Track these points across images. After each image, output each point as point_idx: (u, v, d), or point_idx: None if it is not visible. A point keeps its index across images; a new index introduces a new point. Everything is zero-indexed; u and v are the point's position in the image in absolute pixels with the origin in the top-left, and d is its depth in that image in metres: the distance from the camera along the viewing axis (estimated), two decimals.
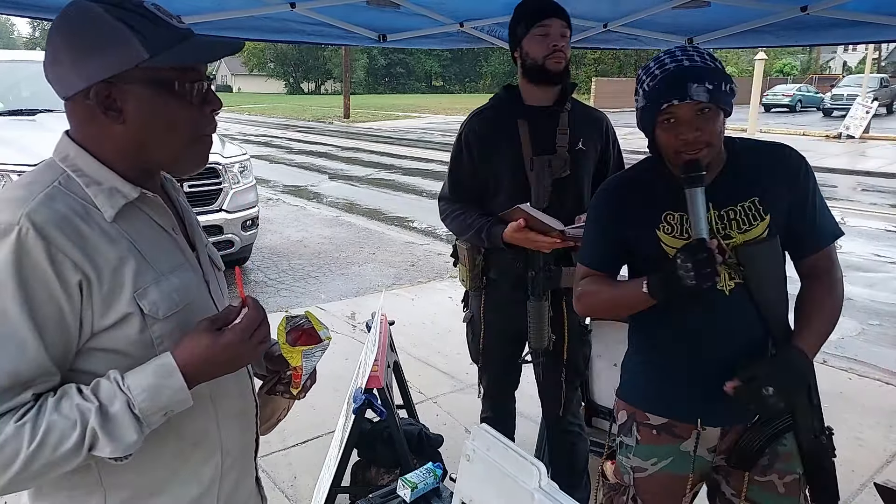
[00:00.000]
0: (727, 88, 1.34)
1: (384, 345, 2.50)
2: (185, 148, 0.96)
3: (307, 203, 9.95)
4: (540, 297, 2.01)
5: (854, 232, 8.16)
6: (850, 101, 21.42)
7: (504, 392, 2.40)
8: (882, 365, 4.22)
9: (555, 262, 2.01)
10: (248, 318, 0.94)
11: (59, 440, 0.82)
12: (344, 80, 32.16)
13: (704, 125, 1.34)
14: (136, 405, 0.86)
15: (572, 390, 2.27)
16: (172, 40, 0.91)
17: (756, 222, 1.45)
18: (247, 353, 0.94)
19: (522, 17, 2.00)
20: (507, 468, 1.14)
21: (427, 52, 55.34)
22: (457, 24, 3.59)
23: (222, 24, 3.05)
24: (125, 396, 0.85)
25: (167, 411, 0.89)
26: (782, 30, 3.11)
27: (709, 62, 1.35)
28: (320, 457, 2.71)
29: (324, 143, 20.05)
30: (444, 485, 1.72)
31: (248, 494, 1.13)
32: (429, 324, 4.81)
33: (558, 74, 1.97)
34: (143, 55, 0.88)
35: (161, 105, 0.92)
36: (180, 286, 0.95)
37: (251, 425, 1.12)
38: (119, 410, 0.85)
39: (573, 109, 2.05)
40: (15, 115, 5.70)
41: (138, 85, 0.89)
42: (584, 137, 2.02)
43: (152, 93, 0.91)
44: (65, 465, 0.84)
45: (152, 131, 0.92)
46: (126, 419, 0.85)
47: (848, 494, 2.81)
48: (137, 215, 0.95)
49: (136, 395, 0.86)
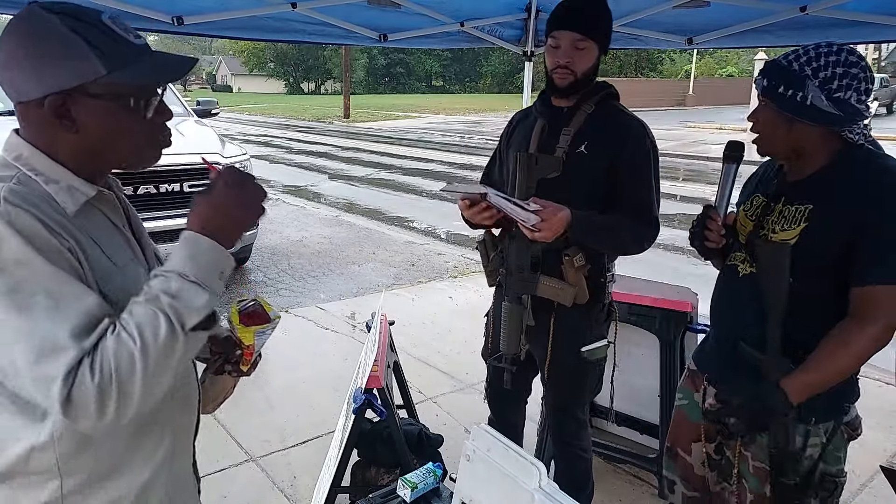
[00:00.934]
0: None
1: (384, 345, 2.50)
2: (137, 152, 1.02)
3: (307, 203, 9.95)
4: (514, 300, 1.92)
5: None
6: None
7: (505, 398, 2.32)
8: (882, 365, 4.22)
9: (531, 268, 1.90)
10: (223, 171, 1.02)
11: (154, 331, 0.87)
12: (344, 80, 32.16)
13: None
14: (188, 275, 0.91)
15: (562, 414, 2.17)
16: (129, 57, 0.94)
17: (794, 226, 1.48)
18: (245, 194, 1.00)
19: (547, 21, 1.93)
20: (507, 468, 1.14)
21: (427, 52, 55.34)
22: (457, 24, 3.59)
23: (224, 24, 3.05)
24: (172, 274, 0.91)
25: (219, 271, 0.95)
26: (782, 30, 3.12)
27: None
28: (320, 457, 2.71)
29: (324, 142, 20.06)
30: (444, 485, 1.72)
31: (188, 476, 1.18)
32: (429, 324, 4.81)
33: (564, 89, 1.89)
34: (100, 71, 0.90)
35: (115, 118, 0.95)
36: (135, 280, 0.98)
37: (193, 408, 1.17)
38: (178, 286, 0.90)
39: (595, 112, 1.92)
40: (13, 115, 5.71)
41: (94, 99, 0.92)
42: (593, 142, 1.89)
43: (107, 106, 0.93)
44: (172, 352, 0.88)
45: (105, 141, 0.96)
46: (189, 287, 0.90)
47: (848, 494, 2.81)
48: (94, 212, 0.99)
49: (182, 269, 0.91)
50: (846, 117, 1.40)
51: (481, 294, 5.50)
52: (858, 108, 1.41)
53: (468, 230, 8.92)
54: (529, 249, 1.89)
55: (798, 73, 1.40)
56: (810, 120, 1.41)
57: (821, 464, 1.56)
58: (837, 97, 1.39)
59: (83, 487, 0.97)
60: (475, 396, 3.67)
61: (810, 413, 1.51)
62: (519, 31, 3.96)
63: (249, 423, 3.29)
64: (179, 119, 6.21)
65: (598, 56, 1.92)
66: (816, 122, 1.41)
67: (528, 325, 1.95)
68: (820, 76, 1.39)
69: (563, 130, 1.92)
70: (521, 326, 1.94)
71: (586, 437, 2.24)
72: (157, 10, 2.82)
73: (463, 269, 6.31)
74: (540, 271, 1.90)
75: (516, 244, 1.90)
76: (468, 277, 6.00)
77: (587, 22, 1.86)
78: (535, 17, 3.65)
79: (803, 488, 1.56)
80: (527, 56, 4.02)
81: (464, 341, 4.44)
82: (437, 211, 9.62)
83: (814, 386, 1.44)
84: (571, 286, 1.87)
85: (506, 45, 4.02)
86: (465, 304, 5.25)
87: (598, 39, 1.88)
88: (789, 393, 1.43)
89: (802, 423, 1.53)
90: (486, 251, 2.08)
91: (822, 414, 1.53)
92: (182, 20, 2.90)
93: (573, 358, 2.01)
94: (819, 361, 1.43)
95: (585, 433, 2.24)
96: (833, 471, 1.57)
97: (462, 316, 4.98)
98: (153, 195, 4.92)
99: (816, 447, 1.55)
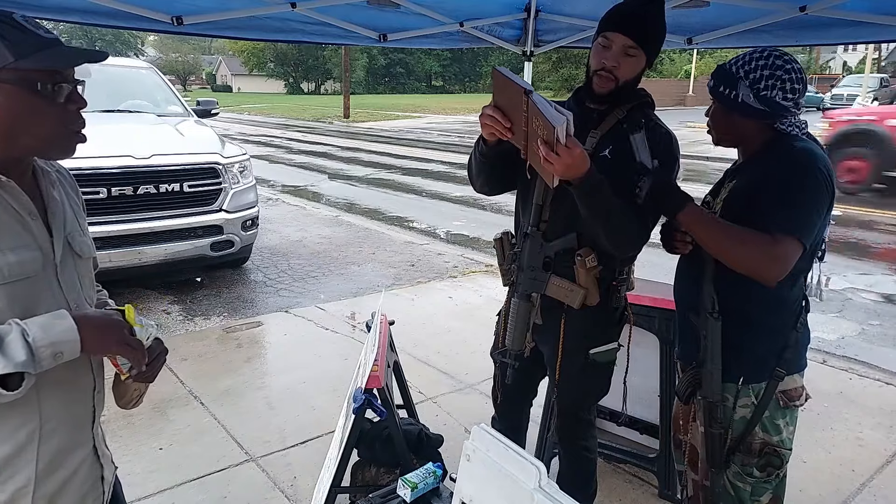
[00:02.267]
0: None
1: (384, 345, 2.50)
2: (49, 137, 1.13)
3: (307, 203, 9.95)
4: (524, 297, 1.92)
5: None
6: (850, 101, 21.44)
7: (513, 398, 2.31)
8: (882, 365, 4.22)
9: (542, 267, 1.91)
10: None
11: None
12: (344, 80, 32.16)
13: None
14: (29, 334, 1.03)
15: (569, 414, 2.16)
16: (37, 47, 1.07)
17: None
18: (111, 337, 1.15)
19: (602, 19, 1.84)
20: (507, 468, 1.14)
21: (427, 52, 55.30)
22: (457, 24, 3.59)
23: (224, 24, 3.06)
24: (20, 328, 1.03)
25: (57, 351, 1.06)
26: (782, 30, 3.12)
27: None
28: (320, 457, 2.71)
29: (323, 142, 20.06)
30: (444, 485, 1.72)
31: (80, 462, 1.25)
32: (429, 324, 4.81)
33: (602, 97, 1.82)
34: (8, 58, 1.04)
35: (25, 101, 1.07)
36: (15, 262, 1.09)
37: (85, 399, 1.24)
38: (14, 337, 1.02)
39: (626, 119, 1.86)
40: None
41: (4, 83, 1.05)
42: (617, 148, 1.84)
43: (16, 90, 1.06)
44: None
45: (17, 122, 1.08)
46: (19, 343, 1.02)
47: (848, 494, 2.81)
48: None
49: (29, 327, 1.04)
50: (772, 112, 1.62)
51: (481, 294, 5.50)
52: (784, 104, 1.61)
53: (468, 230, 8.93)
54: (543, 249, 1.90)
55: (734, 75, 1.64)
56: (741, 114, 1.65)
57: (760, 431, 1.70)
58: (763, 95, 1.61)
59: None
60: (475, 396, 3.67)
61: (738, 371, 1.69)
62: (518, 31, 3.96)
63: (249, 424, 3.29)
64: (179, 119, 6.23)
65: (644, 68, 1.85)
66: (747, 116, 1.65)
67: (535, 324, 1.95)
68: (750, 77, 1.62)
69: (591, 132, 1.88)
70: (529, 324, 1.94)
71: (592, 438, 2.24)
72: (157, 10, 2.82)
73: (463, 269, 6.31)
74: (551, 271, 1.91)
75: (530, 242, 1.90)
76: (468, 277, 6.01)
77: (644, 29, 1.79)
78: (535, 17, 3.65)
79: (746, 453, 1.71)
80: (526, 56, 4.02)
81: (463, 341, 4.44)
82: (437, 211, 9.62)
83: (699, 224, 1.64)
84: (581, 288, 1.87)
85: (505, 45, 4.01)
86: (465, 305, 5.25)
87: (648, 50, 1.81)
88: (683, 213, 1.64)
89: (731, 382, 1.70)
90: (502, 249, 2.08)
91: (750, 374, 1.69)
92: (182, 20, 2.90)
93: (581, 359, 2.00)
94: (721, 224, 1.61)
95: (591, 434, 2.23)
96: (774, 440, 1.70)
97: (462, 316, 4.98)
98: (153, 195, 4.93)
99: (747, 408, 1.70)
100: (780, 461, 1.71)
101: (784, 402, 1.69)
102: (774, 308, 1.69)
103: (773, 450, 1.70)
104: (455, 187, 11.58)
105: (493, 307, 2.44)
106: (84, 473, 1.27)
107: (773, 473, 1.71)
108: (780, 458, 1.70)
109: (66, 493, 1.22)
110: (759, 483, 1.73)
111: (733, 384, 1.70)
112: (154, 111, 6.28)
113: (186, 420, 3.25)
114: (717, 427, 1.71)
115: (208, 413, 3.39)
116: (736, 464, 1.74)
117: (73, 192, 1.31)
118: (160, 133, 5.58)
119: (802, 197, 1.57)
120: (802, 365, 1.74)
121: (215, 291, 5.53)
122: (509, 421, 2.32)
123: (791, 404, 1.70)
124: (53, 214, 1.20)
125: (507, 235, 2.08)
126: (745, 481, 1.73)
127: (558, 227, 1.88)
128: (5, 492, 1.13)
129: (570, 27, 3.77)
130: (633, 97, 1.89)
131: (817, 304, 1.83)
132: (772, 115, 1.64)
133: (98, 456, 1.31)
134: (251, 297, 5.44)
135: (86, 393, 1.25)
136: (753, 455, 1.71)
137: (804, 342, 1.74)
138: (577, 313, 1.92)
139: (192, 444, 3.09)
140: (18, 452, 1.13)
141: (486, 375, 3.85)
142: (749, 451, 1.72)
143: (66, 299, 1.18)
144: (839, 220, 8.52)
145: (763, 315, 1.69)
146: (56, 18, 2.78)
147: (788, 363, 1.68)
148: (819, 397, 3.63)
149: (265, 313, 5.00)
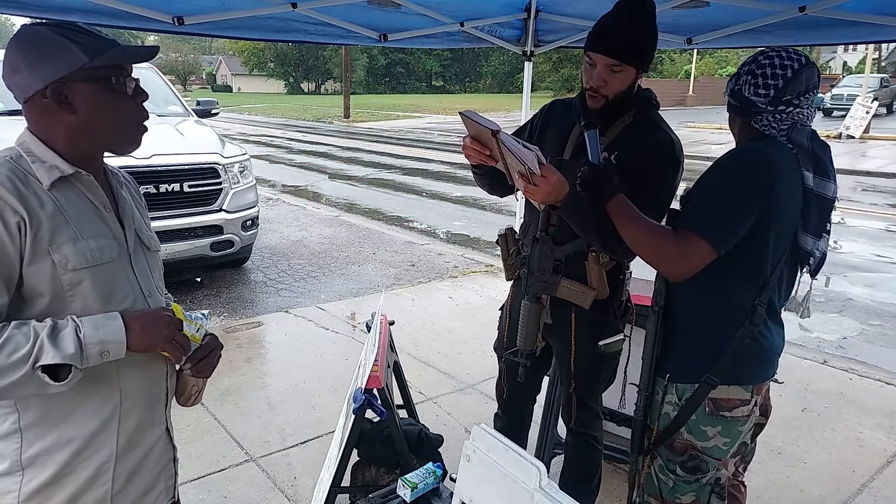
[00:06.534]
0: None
1: (384, 345, 2.50)
2: (123, 130, 1.24)
3: (307, 203, 9.95)
4: (534, 299, 1.95)
5: (854, 232, 8.18)
6: (851, 101, 21.40)
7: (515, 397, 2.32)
8: (882, 365, 4.22)
9: (553, 270, 1.93)
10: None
11: (13, 349, 1.05)
12: (344, 80, 32.16)
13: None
14: (81, 330, 1.10)
15: (577, 403, 2.19)
16: (104, 47, 1.18)
17: None
18: (157, 336, 1.20)
19: (588, 35, 1.85)
20: (507, 468, 1.14)
21: (427, 52, 55.32)
22: (457, 24, 3.60)
23: (225, 24, 3.06)
24: (75, 324, 1.11)
25: (104, 350, 1.12)
26: (781, 30, 3.12)
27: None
28: (320, 457, 2.72)
29: (324, 142, 20.07)
30: (444, 485, 1.72)
31: (155, 440, 1.33)
32: (429, 324, 4.81)
33: (595, 111, 1.86)
34: (84, 59, 1.15)
35: (102, 96, 1.19)
36: (96, 248, 1.18)
37: (159, 379, 1.32)
38: (67, 331, 1.10)
39: (632, 124, 1.89)
40: (15, 115, 5.71)
41: (84, 82, 1.16)
42: (623, 154, 1.87)
43: (95, 87, 1.17)
44: (10, 373, 1.05)
45: (98, 117, 1.19)
46: (71, 337, 1.09)
47: (848, 495, 2.81)
48: (73, 189, 1.20)
49: (83, 324, 1.11)
50: (740, 107, 1.62)
51: (481, 294, 5.50)
52: (752, 99, 1.58)
53: (469, 230, 8.93)
54: (553, 253, 1.93)
55: (734, 75, 1.67)
56: (728, 110, 1.70)
57: (685, 433, 1.66)
58: (737, 90, 1.63)
59: (38, 423, 1.16)
60: (475, 396, 3.67)
61: (667, 367, 1.70)
62: (518, 31, 3.97)
63: (250, 424, 3.30)
64: (179, 119, 6.22)
65: (636, 76, 1.84)
66: (728, 112, 1.70)
67: (546, 323, 2.00)
68: (738, 74, 1.64)
69: (600, 139, 1.90)
70: (539, 325, 1.97)
71: (599, 428, 2.27)
72: (157, 10, 2.82)
73: (463, 269, 6.31)
74: (561, 274, 1.95)
75: (540, 247, 1.94)
76: (468, 277, 6.00)
77: (623, 47, 1.77)
78: (535, 17, 3.65)
79: (669, 450, 1.69)
80: (526, 56, 4.03)
81: (464, 341, 4.44)
82: (438, 211, 9.62)
83: (621, 216, 1.62)
84: (592, 289, 1.93)
85: (506, 45, 4.02)
86: (466, 305, 5.25)
87: (635, 63, 1.80)
88: (610, 203, 1.63)
89: (661, 377, 1.71)
90: (506, 244, 2.12)
91: (677, 373, 1.68)
92: (182, 20, 2.90)
93: (590, 351, 2.07)
94: (639, 219, 1.61)
95: (599, 423, 2.27)
96: (699, 446, 1.66)
97: (462, 316, 4.99)
98: (153, 195, 4.92)
99: (672, 405, 1.68)
100: (705, 466, 1.66)
101: (711, 409, 1.62)
102: (712, 311, 1.63)
103: (696, 454, 1.66)
104: (455, 187, 11.59)
105: (494, 307, 2.44)
106: (158, 452, 1.34)
107: (696, 477, 1.67)
108: (705, 464, 1.65)
109: (142, 471, 1.29)
110: (680, 482, 1.69)
111: (662, 379, 1.71)
112: (154, 111, 6.26)
113: (187, 420, 3.25)
114: (639, 414, 1.76)
115: (208, 413, 3.39)
116: (661, 457, 1.72)
117: (136, 193, 1.43)
118: (160, 133, 5.57)
119: (719, 196, 1.55)
120: (751, 379, 1.63)
121: (215, 291, 5.53)
122: (514, 416, 2.34)
123: (720, 414, 1.62)
124: (123, 209, 1.30)
125: (510, 231, 2.12)
126: (668, 476, 1.71)
127: (567, 231, 1.89)
128: (90, 467, 1.21)
129: (571, 27, 3.78)
130: (637, 101, 1.90)
131: (817, 309, 1.81)
132: (743, 111, 1.61)
133: (171, 437, 1.39)
134: (251, 297, 5.44)
135: (160, 373, 1.32)
136: (676, 454, 1.68)
137: (756, 354, 1.63)
138: (586, 308, 1.97)
139: (193, 443, 3.10)
140: (102, 428, 1.21)
141: (486, 375, 3.86)
142: (671, 448, 1.69)
143: (139, 286, 1.27)
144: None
145: (697, 315, 1.65)
146: (58, 18, 2.78)
147: (725, 372, 1.60)
148: (819, 398, 3.63)
149: (265, 313, 5.01)
